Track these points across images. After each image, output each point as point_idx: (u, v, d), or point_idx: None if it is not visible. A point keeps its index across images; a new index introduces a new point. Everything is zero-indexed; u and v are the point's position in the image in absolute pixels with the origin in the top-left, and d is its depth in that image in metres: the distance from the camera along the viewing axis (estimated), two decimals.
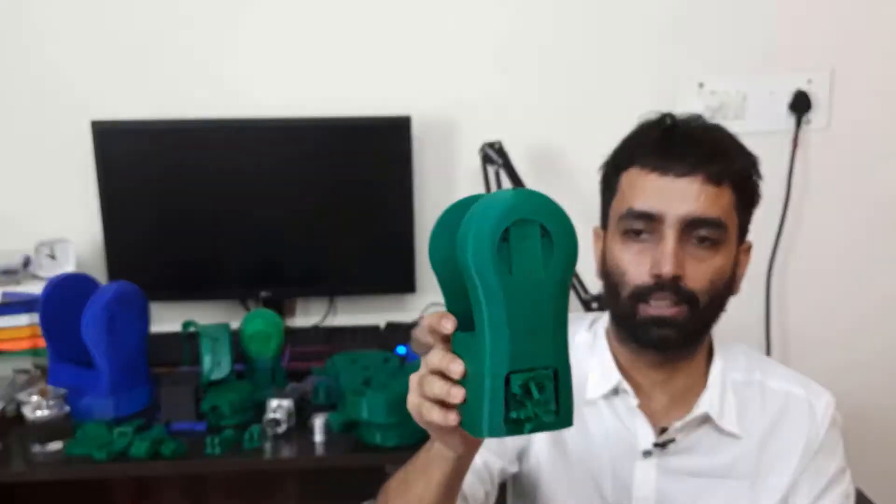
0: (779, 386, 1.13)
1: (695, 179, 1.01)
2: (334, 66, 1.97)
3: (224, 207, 1.91)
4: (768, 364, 1.17)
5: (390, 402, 1.51)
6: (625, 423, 1.11)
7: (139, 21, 1.92)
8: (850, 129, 2.07)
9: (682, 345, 1.08)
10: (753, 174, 1.07)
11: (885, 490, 1.93)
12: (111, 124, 1.85)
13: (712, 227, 1.01)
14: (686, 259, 1.02)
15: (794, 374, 1.16)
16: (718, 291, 1.04)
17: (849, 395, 2.16)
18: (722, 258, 1.03)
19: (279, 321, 1.78)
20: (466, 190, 2.02)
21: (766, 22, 2.00)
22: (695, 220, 1.01)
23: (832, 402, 1.13)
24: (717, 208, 1.01)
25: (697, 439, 1.10)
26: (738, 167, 1.05)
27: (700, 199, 1.01)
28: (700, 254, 1.02)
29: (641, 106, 2.02)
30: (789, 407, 1.12)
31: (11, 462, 1.52)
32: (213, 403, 1.60)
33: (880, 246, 2.14)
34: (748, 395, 1.12)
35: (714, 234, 1.02)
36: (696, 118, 1.09)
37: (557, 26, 1.98)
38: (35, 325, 1.79)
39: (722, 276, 1.04)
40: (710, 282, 1.03)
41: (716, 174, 1.01)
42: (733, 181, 1.03)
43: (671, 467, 1.11)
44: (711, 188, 1.01)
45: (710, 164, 1.01)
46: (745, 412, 1.11)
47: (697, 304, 1.03)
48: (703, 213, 1.01)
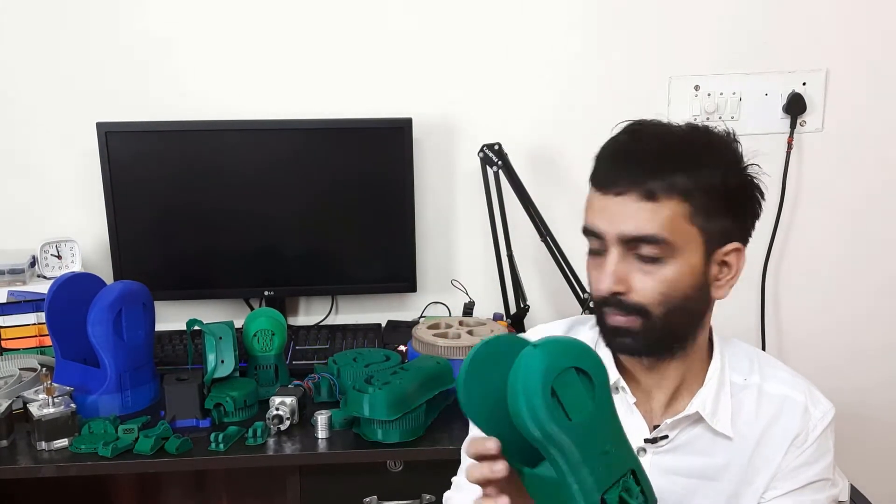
0: (777, 390, 1.13)
1: (629, 198, 1.01)
2: (337, 70, 1.99)
3: (228, 208, 1.93)
4: (773, 368, 1.16)
5: (391, 399, 1.53)
6: (623, 420, 1.14)
7: (145, 24, 1.94)
8: (845, 131, 2.08)
9: (645, 353, 1.09)
10: (724, 179, 1.03)
11: (879, 487, 1.94)
12: (117, 125, 1.87)
13: (651, 243, 1.01)
14: (632, 273, 1.03)
15: (800, 382, 1.15)
16: (675, 302, 1.04)
17: (842, 394, 2.18)
18: (673, 270, 1.03)
19: (282, 319, 1.80)
20: (466, 190, 2.04)
21: (760, 24, 2.02)
22: (631, 239, 1.02)
23: (830, 413, 1.13)
24: (653, 224, 1.01)
25: (691, 439, 1.12)
26: (686, 178, 1.01)
27: (635, 217, 1.01)
28: (646, 268, 1.03)
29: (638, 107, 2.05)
30: (784, 410, 1.12)
31: (18, 459, 1.53)
32: (217, 401, 1.62)
33: (874, 246, 2.15)
34: (744, 398, 1.13)
35: (654, 251, 1.02)
36: (661, 126, 1.08)
37: (555, 29, 2.00)
38: (41, 324, 1.81)
39: (675, 286, 1.03)
40: (661, 294, 1.03)
41: (649, 191, 1.00)
42: (683, 193, 1.01)
43: (665, 465, 1.13)
44: (647, 204, 1.01)
45: (646, 181, 1.01)
46: (739, 414, 1.12)
47: (649, 315, 1.04)
48: (639, 231, 1.01)
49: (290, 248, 1.96)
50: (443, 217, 2.08)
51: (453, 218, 2.08)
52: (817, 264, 2.15)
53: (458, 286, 2.07)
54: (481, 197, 1.94)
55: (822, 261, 2.15)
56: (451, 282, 2.08)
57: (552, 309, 2.10)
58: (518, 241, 1.97)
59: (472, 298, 2.02)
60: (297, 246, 1.97)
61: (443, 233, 2.09)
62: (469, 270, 2.09)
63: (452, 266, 2.10)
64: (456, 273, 2.09)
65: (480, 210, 1.95)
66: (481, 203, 1.94)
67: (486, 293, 2.04)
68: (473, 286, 2.06)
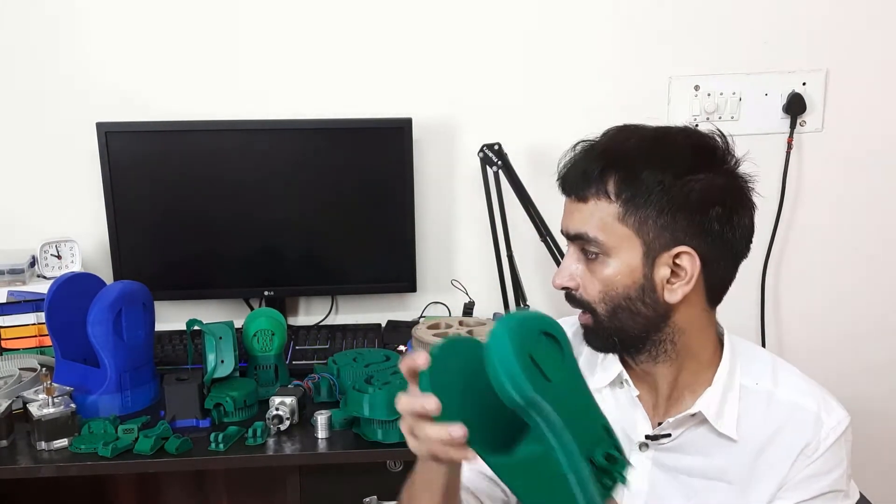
0: (788, 398, 1.12)
1: (570, 199, 1.09)
2: (337, 70, 1.99)
3: (228, 208, 1.93)
4: (789, 375, 1.15)
5: (391, 399, 1.52)
6: (626, 414, 1.14)
7: (145, 24, 1.94)
8: (845, 131, 2.08)
9: (601, 349, 1.13)
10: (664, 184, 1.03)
11: (883, 491, 1.94)
12: (117, 125, 1.87)
13: (586, 241, 1.07)
14: (583, 271, 1.09)
15: (815, 390, 1.14)
16: (617, 300, 1.07)
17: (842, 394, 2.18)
18: (611, 269, 1.06)
19: (282, 319, 1.80)
20: (466, 190, 2.05)
21: (760, 24, 2.02)
22: (572, 237, 1.09)
23: (844, 422, 1.11)
24: (587, 224, 1.06)
25: (694, 438, 1.12)
26: (616, 181, 1.04)
27: (573, 216, 1.09)
28: (591, 266, 1.08)
29: (638, 107, 2.07)
30: (794, 418, 1.10)
31: (18, 459, 1.53)
32: (217, 400, 1.62)
33: (874, 247, 2.16)
34: (752, 402, 1.12)
35: (593, 248, 1.07)
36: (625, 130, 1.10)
37: (555, 29, 2.00)
38: (41, 324, 1.81)
39: (613, 285, 1.06)
40: (601, 292, 1.08)
41: (582, 192, 1.07)
42: (613, 195, 1.04)
43: (666, 463, 1.13)
44: (581, 205, 1.07)
45: (578, 183, 1.07)
46: (746, 418, 1.11)
47: (596, 313, 1.09)
48: (576, 229, 1.08)
49: (290, 249, 1.96)
50: (443, 217, 2.08)
51: (453, 218, 2.09)
52: (817, 264, 2.16)
53: (458, 286, 2.07)
54: (481, 197, 1.94)
55: (822, 261, 2.15)
56: (451, 282, 2.08)
57: (552, 309, 2.10)
58: (518, 241, 1.97)
59: (472, 298, 2.02)
60: (297, 246, 1.97)
61: (443, 233, 2.09)
62: (469, 270, 2.09)
63: (452, 266, 2.10)
64: (456, 273, 2.09)
65: (480, 210, 1.95)
66: (481, 203, 1.94)
67: (486, 293, 2.04)
68: (473, 286, 2.06)
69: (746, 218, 1.08)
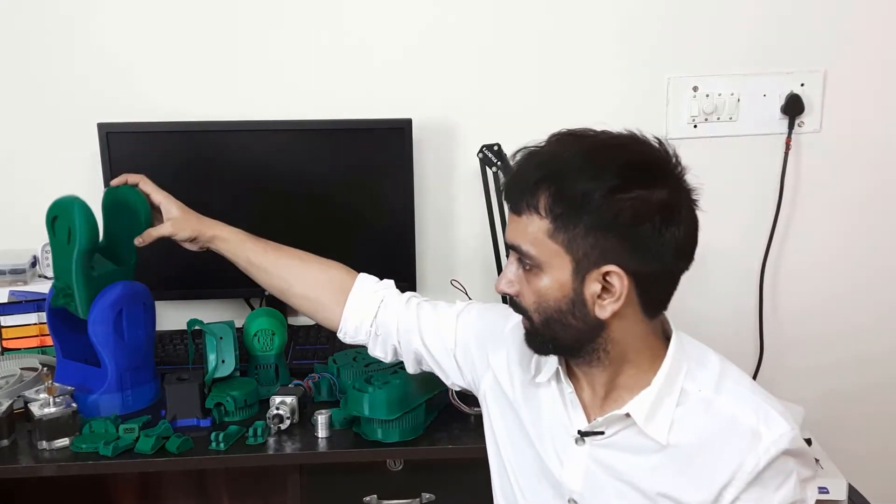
0: (729, 408, 1.09)
1: (509, 209, 1.12)
2: (337, 71, 1.99)
3: (228, 207, 1.92)
4: (734, 385, 1.12)
5: (391, 398, 1.54)
6: (566, 409, 1.19)
7: (145, 25, 1.95)
8: (843, 132, 2.09)
9: (540, 352, 1.17)
10: (592, 201, 1.02)
11: (878, 486, 1.95)
12: (118, 126, 1.88)
13: (521, 253, 1.09)
14: (521, 279, 1.12)
15: (759, 404, 1.09)
16: (549, 312, 1.10)
17: (839, 392, 2.21)
18: (544, 282, 1.09)
19: (282, 319, 1.81)
20: (466, 190, 2.05)
21: (758, 25, 2.02)
22: (509, 246, 1.12)
23: (788, 435, 1.06)
24: (520, 237, 1.09)
25: (625, 438, 1.13)
26: (547, 196, 1.05)
27: (510, 226, 1.11)
28: (527, 276, 1.11)
29: (636, 108, 2.08)
30: (730, 430, 1.08)
31: (19, 458, 1.54)
32: (217, 400, 1.63)
33: (872, 247, 2.16)
34: (691, 408, 1.10)
35: (527, 260, 1.09)
36: (555, 139, 1.12)
37: (554, 30, 2.01)
38: (42, 324, 1.82)
39: (545, 298, 1.09)
40: (535, 302, 1.11)
41: (517, 205, 1.09)
42: (543, 210, 1.05)
43: (602, 459, 1.15)
44: (516, 218, 1.10)
45: (513, 196, 1.10)
46: (680, 423, 1.10)
47: (532, 320, 1.13)
48: (511, 240, 1.11)
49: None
50: (442, 217, 2.09)
51: (453, 218, 2.09)
52: (815, 265, 2.16)
53: (458, 286, 2.07)
54: (481, 198, 1.94)
55: (820, 262, 2.16)
56: (450, 282, 2.08)
57: None
58: None
59: (471, 298, 2.02)
60: (296, 246, 1.97)
61: (442, 233, 2.09)
62: (469, 271, 2.09)
63: (452, 266, 2.11)
64: (455, 273, 2.09)
65: (480, 210, 1.96)
66: (481, 203, 1.95)
67: (486, 293, 2.04)
68: (473, 286, 2.06)
69: (682, 231, 1.06)
